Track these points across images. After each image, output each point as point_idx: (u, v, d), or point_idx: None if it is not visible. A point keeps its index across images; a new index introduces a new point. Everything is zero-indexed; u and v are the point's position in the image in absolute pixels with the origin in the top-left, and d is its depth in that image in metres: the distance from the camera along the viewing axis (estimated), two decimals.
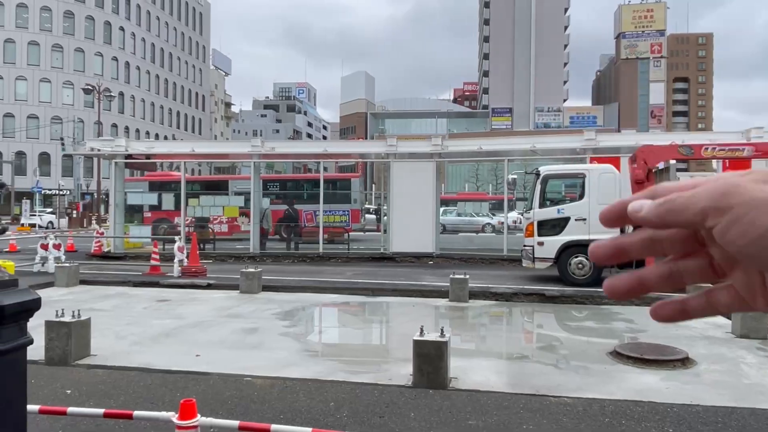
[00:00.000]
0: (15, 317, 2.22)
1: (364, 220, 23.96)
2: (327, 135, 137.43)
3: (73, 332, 5.92)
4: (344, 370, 5.93)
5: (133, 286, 11.75)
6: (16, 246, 18.68)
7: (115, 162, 17.91)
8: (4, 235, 23.29)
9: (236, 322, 8.23)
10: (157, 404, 4.58)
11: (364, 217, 24.36)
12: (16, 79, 56.26)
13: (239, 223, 19.67)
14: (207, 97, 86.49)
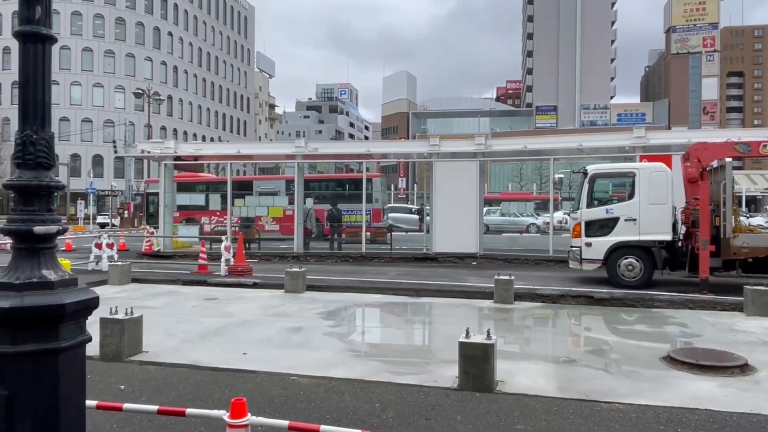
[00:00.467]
0: (75, 315, 2.29)
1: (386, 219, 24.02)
2: (369, 135, 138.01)
3: (126, 329, 6.10)
4: (389, 371, 5.92)
5: (182, 285, 12.06)
6: (71, 245, 19.42)
7: (165, 164, 18.41)
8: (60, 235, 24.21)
9: (282, 321, 8.33)
10: (206, 401, 4.67)
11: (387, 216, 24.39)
12: (71, 85, 58.53)
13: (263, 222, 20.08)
14: (251, 99, 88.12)
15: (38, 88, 2.37)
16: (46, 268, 2.29)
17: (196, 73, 71.26)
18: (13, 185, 2.33)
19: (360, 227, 17.63)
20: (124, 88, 59.89)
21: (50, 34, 2.39)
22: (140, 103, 55.30)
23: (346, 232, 18.76)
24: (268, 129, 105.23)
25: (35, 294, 2.20)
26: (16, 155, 2.36)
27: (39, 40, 2.36)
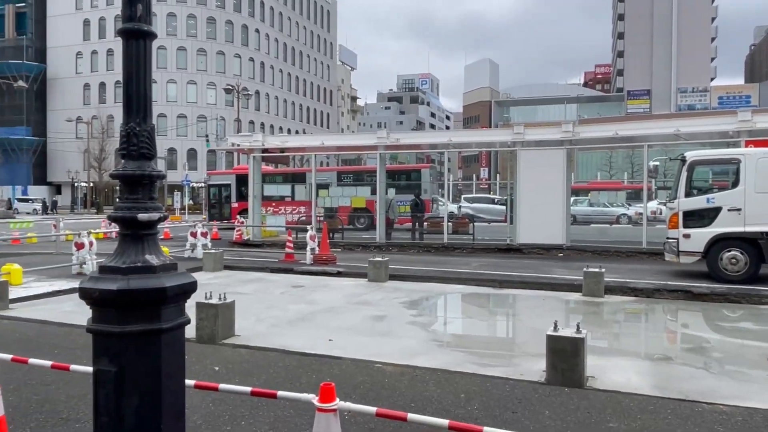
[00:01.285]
0: (175, 299, 2.40)
1: (436, 209, 23.72)
2: (450, 125, 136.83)
3: (220, 314, 6.39)
4: (473, 362, 5.84)
5: (270, 272, 12.50)
6: (169, 233, 20.63)
7: (253, 156, 19.12)
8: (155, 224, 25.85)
9: (365, 310, 8.44)
10: (295, 384, 4.81)
11: (436, 207, 24.05)
12: (167, 83, 61.96)
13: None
14: (334, 92, 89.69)
15: (140, 82, 2.49)
16: (149, 254, 2.42)
17: (282, 68, 73.41)
18: (118, 175, 2.47)
19: (442, 218, 17.56)
20: (215, 84, 62.69)
21: (150, 31, 2.51)
22: (230, 99, 57.76)
23: (427, 223, 18.74)
24: (350, 121, 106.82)
25: (140, 277, 2.33)
26: (121, 146, 2.50)
27: (140, 37, 2.48)
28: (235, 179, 27.78)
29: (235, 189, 27.71)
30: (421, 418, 2.51)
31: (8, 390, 4.49)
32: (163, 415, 2.34)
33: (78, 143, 59.36)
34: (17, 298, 8.98)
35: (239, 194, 27.32)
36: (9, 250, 17.11)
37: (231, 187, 27.85)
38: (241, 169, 29.94)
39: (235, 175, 28.29)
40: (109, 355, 2.30)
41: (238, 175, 28.12)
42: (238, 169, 31.04)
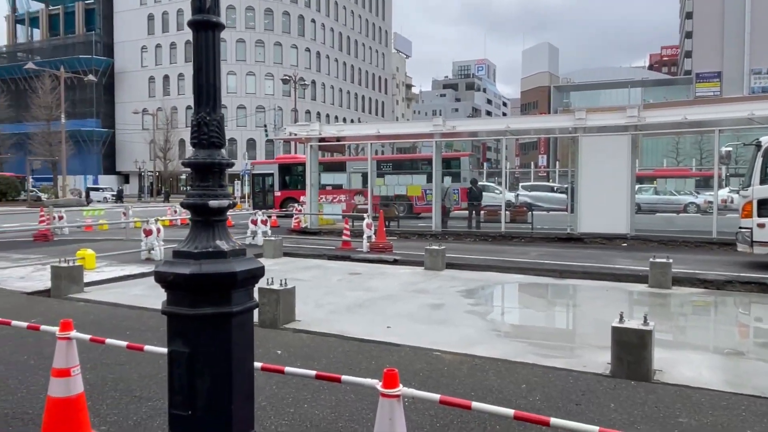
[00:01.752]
0: (244, 283, 2.47)
1: (518, 197, 23.45)
2: (507, 112, 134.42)
3: (281, 299, 6.54)
4: (534, 353, 5.75)
5: (327, 260, 12.69)
6: (231, 221, 21.24)
7: (311, 145, 19.37)
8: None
9: (422, 297, 8.44)
10: (354, 370, 4.87)
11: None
12: (227, 74, 63.51)
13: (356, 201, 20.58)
14: (389, 80, 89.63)
15: (210, 72, 2.55)
16: (220, 239, 2.49)
17: (337, 57, 73.90)
18: (190, 163, 2.55)
19: (499, 207, 17.30)
20: (273, 75, 63.80)
21: (219, 22, 2.56)
22: (287, 89, 58.66)
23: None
24: (404, 109, 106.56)
25: (211, 262, 2.40)
26: (192, 135, 2.57)
27: (210, 27, 2.54)
28: (278, 168, 28.41)
29: (278, 178, 28.32)
30: (486, 407, 2.48)
31: (86, 368, 4.74)
32: (234, 395, 2.41)
33: (144, 134, 61.84)
34: (91, 282, 9.47)
35: (282, 183, 28.08)
36: (83, 236, 18.06)
37: (274, 177, 28.40)
38: (283, 159, 30.71)
39: (278, 164, 28.89)
40: (182, 336, 2.39)
41: (280, 164, 28.79)
42: (281, 158, 31.77)
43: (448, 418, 3.88)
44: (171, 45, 66.08)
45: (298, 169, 28.30)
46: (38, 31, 74.83)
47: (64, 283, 8.61)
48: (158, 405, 4.14)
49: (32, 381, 4.67)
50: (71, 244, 15.16)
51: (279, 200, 27.02)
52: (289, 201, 26.66)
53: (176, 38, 65.68)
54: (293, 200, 26.34)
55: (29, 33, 76.03)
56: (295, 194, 27.04)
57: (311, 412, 4.01)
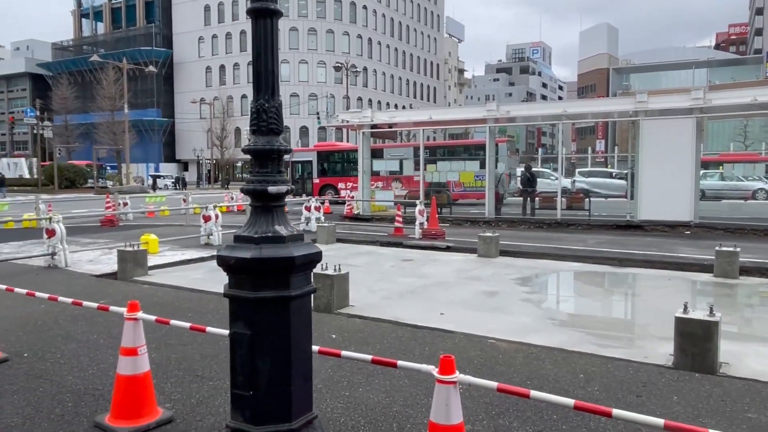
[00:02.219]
0: (302, 267, 2.50)
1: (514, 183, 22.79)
2: (563, 95, 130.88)
3: (336, 284, 6.62)
4: (592, 342, 5.62)
5: (380, 246, 12.75)
6: (286, 208, 21.60)
7: (363, 132, 19.43)
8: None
9: (476, 285, 8.37)
10: (408, 356, 4.89)
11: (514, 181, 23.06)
12: (281, 63, 64.39)
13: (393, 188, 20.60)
14: (441, 65, 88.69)
15: (268, 59, 2.59)
16: (279, 224, 2.53)
17: (389, 43, 73.64)
18: (249, 149, 2.59)
19: (554, 193, 16.90)
20: (325, 63, 64.25)
21: (277, 9, 2.59)
22: (339, 76, 59.00)
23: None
24: (457, 94, 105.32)
25: (270, 246, 2.45)
26: (251, 122, 2.62)
27: (268, 15, 2.57)
28: (317, 156, 28.80)
29: (316, 165, 28.66)
30: (545, 396, 2.44)
31: (151, 348, 4.94)
32: (293, 377, 2.46)
33: (201, 123, 63.54)
34: (154, 266, 9.85)
35: (321, 170, 28.47)
36: (146, 222, 18.81)
37: (313, 164, 28.72)
38: (321, 146, 31.15)
39: (317, 152, 29.33)
40: (244, 319, 2.45)
41: (319, 152, 29.25)
42: (319, 146, 32.26)
43: (503, 406, 3.85)
44: (227, 35, 67.47)
45: (336, 157, 28.80)
46: (102, 24, 77.85)
47: (129, 267, 9.00)
48: (219, 384, 4.28)
49: (102, 359, 4.91)
50: (135, 229, 15.82)
51: (318, 187, 27.53)
52: (327, 188, 27.20)
53: (231, 28, 67.01)
54: (332, 187, 26.85)
55: (93, 27, 79.25)
56: (333, 181, 27.57)
57: (366, 396, 4.05)
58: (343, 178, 27.32)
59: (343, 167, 28.12)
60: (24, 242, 13.10)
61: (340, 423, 3.62)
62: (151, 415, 3.61)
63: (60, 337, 5.58)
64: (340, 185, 26.83)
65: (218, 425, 3.59)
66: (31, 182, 50.56)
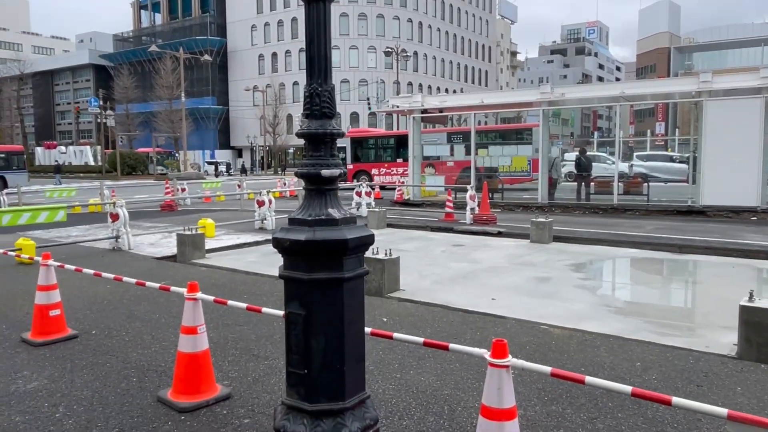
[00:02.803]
0: (355, 250, 2.53)
1: (631, 167, 22.23)
2: (620, 77, 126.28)
3: (386, 268, 6.67)
4: (649, 330, 5.46)
5: (430, 231, 12.73)
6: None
7: (413, 117, 19.35)
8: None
9: (528, 270, 8.25)
10: (459, 340, 4.89)
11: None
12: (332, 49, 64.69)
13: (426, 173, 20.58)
14: (493, 48, 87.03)
15: (321, 44, 2.60)
16: (332, 207, 2.57)
17: (440, 26, 72.77)
18: (303, 134, 2.63)
19: (611, 177, 16.40)
20: (376, 48, 64.12)
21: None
22: (389, 62, 58.78)
23: (596, 184, 17.64)
24: (509, 77, 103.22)
25: (324, 229, 2.48)
26: (305, 107, 2.65)
27: (321, 0, 2.58)
28: (350, 142, 29.01)
29: (350, 152, 28.90)
30: (602, 382, 2.40)
31: (209, 327, 5.11)
32: (346, 357, 2.51)
33: (254, 110, 64.74)
34: (211, 249, 10.17)
35: (354, 156, 28.79)
36: (202, 207, 19.39)
37: (346, 150, 28.90)
38: (354, 133, 31.38)
39: (350, 138, 29.50)
40: (298, 299, 2.50)
41: (352, 138, 29.46)
42: (353, 132, 32.49)
43: (556, 392, 3.81)
44: (278, 23, 68.22)
45: (369, 143, 29.05)
46: (159, 15, 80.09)
47: (188, 250, 9.32)
48: (274, 364, 4.40)
49: (163, 337, 5.13)
50: (193, 214, 16.34)
51: (351, 173, 27.91)
52: (360, 174, 27.48)
53: (283, 16, 67.69)
54: (365, 173, 27.05)
55: (152, 18, 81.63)
56: (366, 167, 27.85)
57: (417, 379, 4.08)
58: (376, 164, 27.63)
59: (376, 153, 28.39)
60: (90, 226, 13.76)
61: (392, 404, 3.67)
62: (211, 391, 3.76)
63: (124, 315, 5.86)
64: (374, 171, 27.02)
65: (273, 403, 3.70)
66: (95, 169, 52.96)
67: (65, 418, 3.53)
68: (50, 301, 5.08)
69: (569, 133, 70.64)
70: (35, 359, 4.62)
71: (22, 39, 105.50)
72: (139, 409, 3.65)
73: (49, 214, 9.83)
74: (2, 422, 3.48)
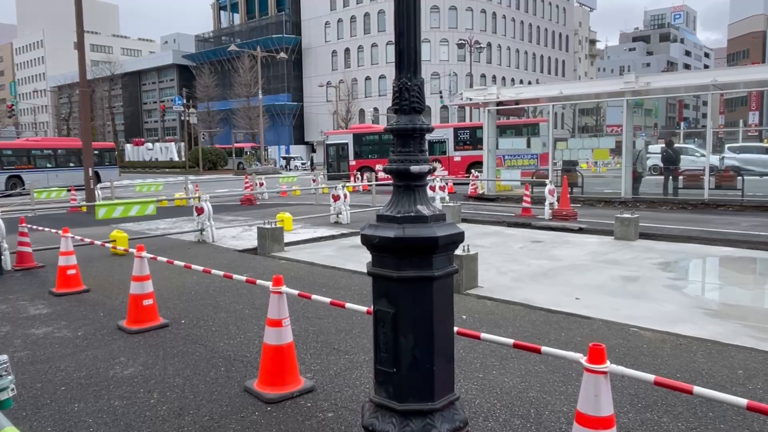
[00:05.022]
0: (445, 248, 2.47)
1: (722, 160, 20.86)
2: (709, 64, 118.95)
3: (464, 265, 6.56)
4: (749, 336, 5.09)
5: (507, 226, 12.46)
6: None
7: (488, 109, 19.00)
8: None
9: (613, 269, 7.90)
10: (543, 341, 4.73)
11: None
12: None
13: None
14: (570, 36, 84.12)
15: (411, 37, 2.55)
16: (421, 204, 2.52)
17: (514, 16, 71.08)
18: (392, 129, 2.59)
19: (701, 171, 15.44)
20: (448, 40, 63.47)
21: None
22: (462, 54, 58.09)
23: (685, 176, 16.66)
24: (588, 67, 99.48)
25: (413, 226, 2.44)
26: (394, 101, 2.61)
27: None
28: (353, 138, 28.76)
29: (352, 148, 28.64)
30: (712, 393, 2.22)
31: (290, 320, 5.25)
32: (435, 355, 2.46)
33: (328, 106, 65.79)
34: (290, 242, 10.40)
35: (356, 152, 28.53)
36: (280, 201, 19.92)
37: (348, 146, 28.74)
38: (357, 129, 31.15)
39: (353, 134, 29.30)
40: (387, 297, 2.48)
41: (355, 134, 29.20)
42: (355, 128, 32.32)
43: (651, 399, 3.60)
44: (351, 18, 68.87)
45: (373, 139, 28.69)
46: (237, 15, 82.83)
47: (268, 243, 9.58)
48: (354, 359, 4.42)
49: (248, 328, 5.27)
50: (271, 208, 16.81)
51: (354, 169, 27.84)
52: (364, 170, 27.41)
53: (356, 11, 68.28)
54: (369, 169, 26.82)
55: (230, 18, 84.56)
56: (371, 163, 27.68)
57: (500, 380, 3.98)
58: (380, 159, 27.32)
59: (380, 149, 28.04)
60: (176, 219, 14.43)
61: (476, 405, 3.59)
62: (295, 383, 3.82)
63: (210, 306, 6.08)
64: (378, 167, 26.75)
65: (356, 397, 3.71)
66: (179, 164, 55.56)
67: (159, 405, 3.69)
68: (144, 291, 5.34)
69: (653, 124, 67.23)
70: (130, 346, 4.87)
71: (112, 42, 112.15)
72: (227, 399, 3.76)
73: (140, 207, 10.37)
74: (102, 406, 3.69)
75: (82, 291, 6.84)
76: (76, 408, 3.68)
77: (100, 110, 72.26)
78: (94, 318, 5.76)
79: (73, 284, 6.87)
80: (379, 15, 66.14)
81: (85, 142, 17.08)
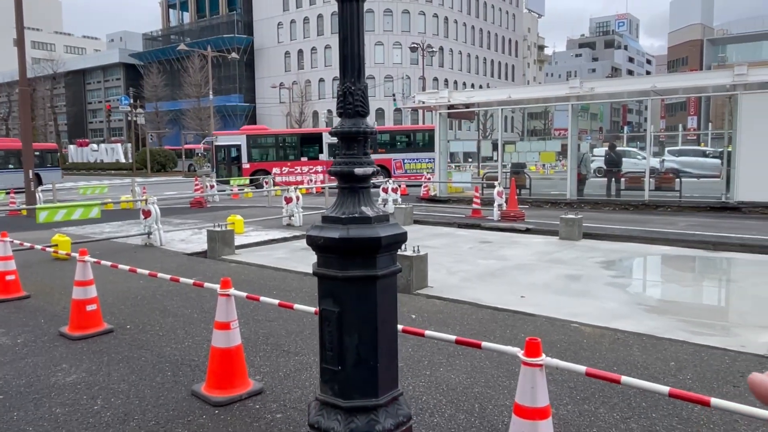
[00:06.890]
0: (388, 248, 2.54)
1: (662, 162, 22.12)
2: (651, 70, 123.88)
3: (414, 265, 6.67)
4: (683, 329, 5.37)
5: (457, 228, 12.68)
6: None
7: (439, 113, 19.27)
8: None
9: (558, 268, 8.17)
10: (489, 338, 4.87)
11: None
12: None
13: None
14: (520, 42, 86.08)
15: (354, 42, 2.61)
16: (365, 205, 2.58)
17: (465, 21, 72.24)
18: (336, 132, 2.64)
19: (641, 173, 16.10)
20: (401, 44, 63.95)
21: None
22: (415, 57, 58.62)
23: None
24: (536, 72, 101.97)
25: (357, 227, 2.50)
26: (338, 105, 2.66)
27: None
28: (246, 140, 27.34)
29: (245, 149, 27.21)
30: (638, 382, 2.36)
31: (240, 323, 5.21)
32: (379, 354, 2.52)
33: (281, 107, 65.18)
34: (240, 245, 10.30)
35: (250, 155, 27.16)
36: (231, 204, 19.63)
37: (241, 148, 27.26)
38: (250, 130, 29.94)
39: (246, 135, 27.82)
40: (332, 296, 2.53)
41: (249, 135, 27.79)
42: (247, 129, 30.72)
43: (588, 391, 3.77)
44: (304, 20, 68.50)
45: (268, 141, 27.95)
46: (187, 14, 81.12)
47: (218, 246, 9.46)
48: (304, 360, 4.45)
49: (196, 332, 5.22)
50: (222, 210, 16.57)
51: (249, 172, 26.52)
52: (259, 173, 26.29)
53: (309, 13, 67.96)
54: (265, 172, 25.93)
55: (180, 17, 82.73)
56: (266, 166, 26.66)
57: (447, 376, 4.08)
58: (278, 162, 26.85)
59: (276, 152, 27.45)
60: (123, 222, 14.05)
61: (422, 401, 3.68)
62: (243, 386, 3.82)
63: (158, 310, 5.98)
64: (275, 170, 26.18)
65: (305, 398, 3.74)
66: (126, 166, 53.97)
67: (103, 411, 3.62)
68: (87, 296, 5.21)
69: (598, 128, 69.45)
70: (73, 353, 4.75)
71: (55, 39, 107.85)
72: (174, 403, 3.72)
73: (83, 210, 10.07)
74: (43, 414, 3.59)
75: (22, 297, 6.60)
76: (15, 416, 3.57)
77: (41, 110, 69.40)
78: (34, 324, 5.58)
79: (12, 290, 6.63)
80: (332, 17, 66.00)
81: (25, 143, 16.42)
